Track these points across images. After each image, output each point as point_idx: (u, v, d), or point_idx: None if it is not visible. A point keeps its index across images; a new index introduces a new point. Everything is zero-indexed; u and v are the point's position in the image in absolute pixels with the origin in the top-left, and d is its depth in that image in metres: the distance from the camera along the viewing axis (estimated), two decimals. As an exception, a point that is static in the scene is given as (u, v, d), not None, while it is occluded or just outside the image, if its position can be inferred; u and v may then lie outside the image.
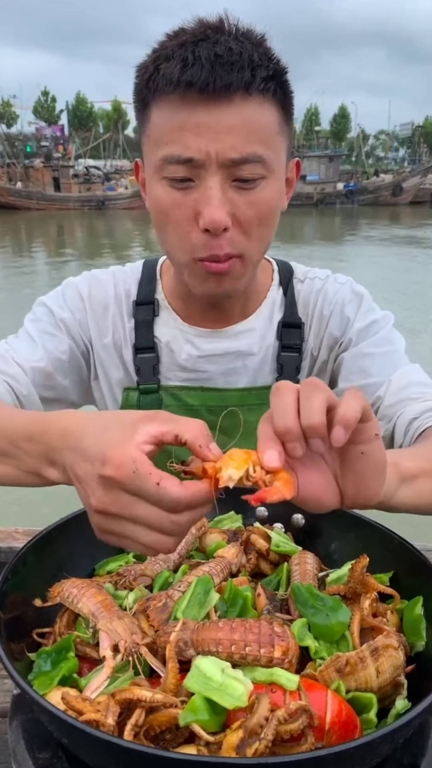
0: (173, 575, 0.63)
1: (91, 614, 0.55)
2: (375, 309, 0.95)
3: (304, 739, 0.45)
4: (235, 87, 0.68)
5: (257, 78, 0.70)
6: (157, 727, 0.46)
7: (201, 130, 0.69)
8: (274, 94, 0.72)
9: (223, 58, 0.68)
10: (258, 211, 0.74)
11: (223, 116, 0.69)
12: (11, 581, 0.56)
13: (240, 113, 0.70)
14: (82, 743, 0.45)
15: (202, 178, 0.72)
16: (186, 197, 0.73)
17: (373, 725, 0.49)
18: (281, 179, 0.78)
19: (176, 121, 0.70)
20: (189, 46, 0.69)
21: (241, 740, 0.43)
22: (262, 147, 0.72)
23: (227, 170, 0.71)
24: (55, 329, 0.92)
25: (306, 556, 0.66)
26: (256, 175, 0.72)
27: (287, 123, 0.77)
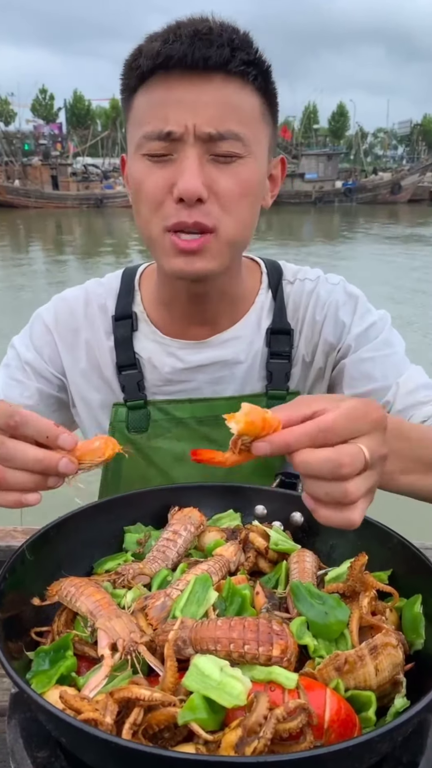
0: (172, 574, 0.63)
1: (90, 613, 0.55)
2: (371, 310, 0.93)
3: (303, 738, 0.45)
4: (214, 62, 0.69)
5: (237, 58, 0.71)
6: (156, 726, 0.46)
7: (180, 105, 0.70)
8: (255, 80, 0.73)
9: (203, 34, 0.70)
10: (236, 185, 0.74)
11: (202, 92, 0.70)
12: (9, 580, 0.56)
13: (219, 91, 0.71)
14: (80, 742, 0.45)
15: (180, 151, 0.72)
16: (162, 170, 0.74)
17: (372, 723, 0.49)
18: (262, 165, 0.78)
19: (157, 99, 0.72)
20: (172, 27, 0.72)
21: (240, 739, 0.43)
22: (240, 126, 0.72)
23: (205, 144, 0.72)
24: (21, 374, 0.92)
25: (305, 555, 0.66)
26: (233, 152, 0.73)
27: (270, 114, 0.78)
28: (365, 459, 0.48)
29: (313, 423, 0.47)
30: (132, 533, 0.72)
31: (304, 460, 0.47)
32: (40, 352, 0.93)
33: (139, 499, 0.75)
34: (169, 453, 0.92)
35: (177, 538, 0.66)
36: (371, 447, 0.48)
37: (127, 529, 0.73)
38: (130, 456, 0.61)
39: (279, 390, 0.90)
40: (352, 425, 0.48)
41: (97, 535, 0.70)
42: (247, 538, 0.69)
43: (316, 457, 0.47)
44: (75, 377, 0.93)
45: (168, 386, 0.91)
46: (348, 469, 0.47)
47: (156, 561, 0.64)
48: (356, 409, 0.49)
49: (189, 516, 0.70)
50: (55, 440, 0.52)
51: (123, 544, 0.72)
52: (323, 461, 0.46)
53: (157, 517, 0.75)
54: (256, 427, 0.48)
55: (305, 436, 0.47)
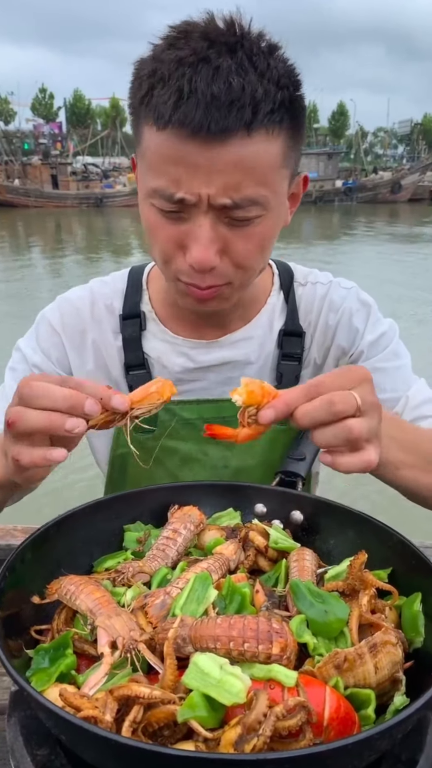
0: (171, 572, 0.63)
1: (89, 611, 0.55)
2: (381, 319, 0.94)
3: (303, 735, 0.45)
4: (233, 129, 0.63)
5: (259, 115, 0.63)
6: (156, 724, 0.46)
7: (193, 170, 0.65)
8: (281, 123, 0.66)
9: (220, 99, 0.61)
10: (251, 245, 0.71)
11: (217, 157, 0.64)
12: (9, 578, 0.56)
13: (238, 153, 0.64)
14: (80, 740, 0.45)
15: (192, 214, 0.68)
16: (174, 226, 0.70)
17: (372, 721, 0.49)
18: (281, 208, 0.74)
19: (168, 154, 0.65)
20: (186, 71, 0.62)
21: (240, 736, 0.43)
22: (259, 188, 0.67)
23: (219, 211, 0.68)
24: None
25: (304, 553, 0.66)
26: (248, 216, 0.68)
27: (295, 146, 0.71)
28: (356, 401, 0.54)
29: (306, 384, 0.55)
30: (132, 532, 0.72)
31: (302, 410, 0.54)
32: (48, 355, 0.91)
33: (138, 497, 0.76)
34: (176, 453, 0.92)
35: (177, 537, 0.66)
36: (361, 394, 0.55)
37: (127, 527, 0.73)
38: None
39: None
40: (339, 380, 0.55)
41: (96, 534, 0.70)
42: (247, 537, 0.69)
43: (312, 404, 0.53)
44: (82, 378, 0.93)
45: (177, 386, 0.91)
46: (341, 405, 0.53)
47: (156, 559, 0.64)
48: (341, 370, 0.58)
49: (189, 514, 0.70)
50: (108, 401, 0.56)
51: (123, 543, 0.72)
52: (318, 405, 0.53)
53: (156, 515, 0.75)
54: (257, 396, 0.54)
55: (301, 393, 0.54)
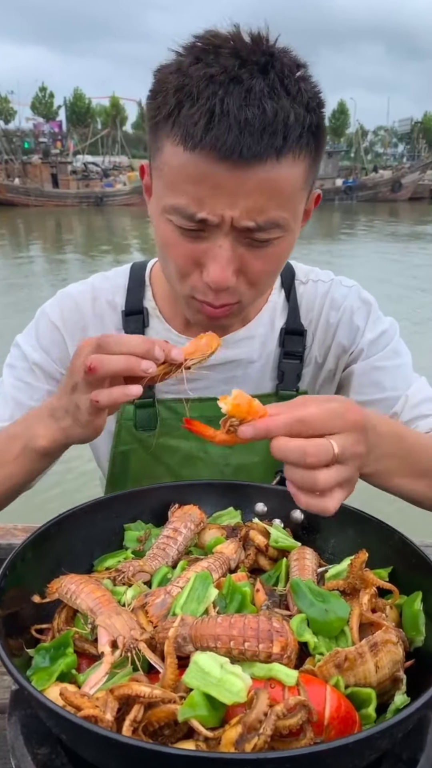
0: (172, 571, 0.63)
1: (90, 610, 0.55)
2: (382, 317, 0.94)
3: (303, 734, 0.45)
4: (265, 155, 0.62)
5: (290, 140, 0.63)
6: (156, 723, 0.46)
7: (219, 192, 0.63)
8: (308, 146, 0.66)
9: (254, 125, 0.60)
10: (267, 265, 0.71)
11: (245, 181, 0.63)
12: (9, 577, 0.56)
13: (265, 178, 0.63)
14: (80, 739, 0.45)
15: (212, 234, 0.67)
16: (192, 244, 0.69)
17: (372, 720, 0.49)
18: (297, 228, 0.73)
19: (192, 174, 0.64)
20: (218, 90, 0.60)
21: (240, 735, 0.43)
22: (282, 211, 0.66)
23: (240, 232, 0.67)
24: (29, 376, 0.89)
25: (305, 552, 0.66)
26: (269, 238, 0.68)
27: (315, 166, 0.70)
28: (333, 452, 0.52)
29: (293, 414, 0.52)
30: (132, 531, 0.72)
31: (277, 445, 0.52)
32: (48, 352, 0.90)
33: (139, 496, 0.75)
34: (177, 451, 0.92)
35: (177, 536, 0.66)
36: (342, 443, 0.53)
37: (128, 526, 0.73)
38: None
39: (289, 390, 0.91)
40: (327, 421, 0.53)
41: (97, 533, 0.70)
42: (248, 536, 0.69)
43: (287, 444, 0.52)
44: None
45: (179, 384, 0.90)
46: (313, 458, 0.52)
47: (156, 558, 0.64)
48: (334, 409, 0.54)
49: (189, 513, 0.70)
50: (169, 353, 0.62)
51: (123, 542, 0.72)
52: (293, 448, 0.52)
53: (157, 514, 0.75)
54: (241, 411, 0.54)
55: (283, 425, 0.52)
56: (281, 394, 0.91)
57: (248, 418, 0.54)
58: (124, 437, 0.91)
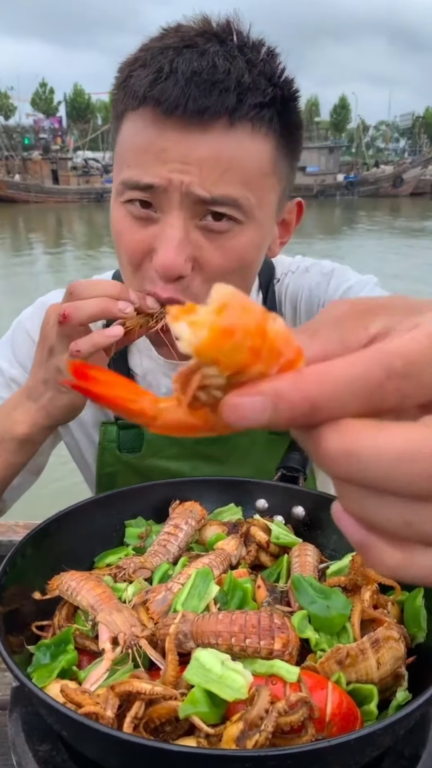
0: (173, 567, 0.63)
1: (90, 607, 0.55)
2: (347, 279, 0.83)
3: (305, 731, 0.45)
4: (213, 112, 0.57)
5: (245, 103, 0.58)
6: (157, 720, 0.46)
7: (167, 157, 0.58)
8: (271, 124, 0.60)
9: (202, 76, 0.56)
10: (226, 260, 0.63)
11: (196, 145, 0.58)
12: (10, 574, 0.56)
13: (218, 144, 0.58)
14: (81, 736, 0.45)
15: (163, 209, 0.61)
16: (143, 230, 0.63)
17: (374, 717, 0.49)
18: (266, 226, 0.65)
19: (141, 142, 0.60)
20: (169, 54, 0.58)
21: (241, 732, 0.43)
22: (240, 188, 0.60)
23: (193, 207, 0.60)
24: (5, 392, 0.83)
25: (306, 548, 0.66)
26: (228, 219, 0.61)
27: (287, 159, 0.64)
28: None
29: (380, 355, 0.21)
30: (133, 527, 0.72)
31: (352, 449, 0.20)
32: (25, 366, 0.84)
33: (139, 493, 0.75)
34: (165, 473, 0.87)
35: (178, 532, 0.66)
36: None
37: (128, 523, 0.73)
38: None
39: None
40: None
41: (97, 530, 0.70)
42: (249, 532, 0.69)
43: (388, 445, 0.20)
44: None
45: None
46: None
47: (157, 555, 0.64)
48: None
49: (190, 510, 0.69)
50: (144, 300, 0.61)
51: (124, 538, 0.71)
52: (403, 457, 0.20)
53: (157, 511, 0.74)
54: (240, 346, 0.20)
55: (359, 387, 0.21)
56: None
57: (254, 367, 0.21)
58: (107, 460, 0.86)
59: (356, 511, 0.23)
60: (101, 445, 0.86)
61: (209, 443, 0.86)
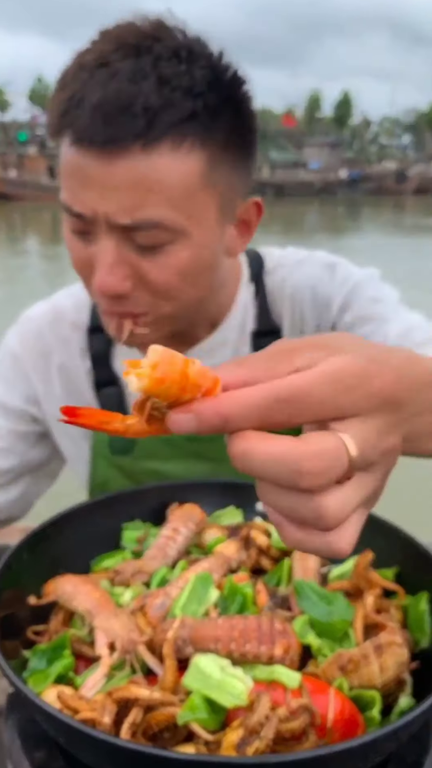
0: (171, 572, 0.62)
1: (87, 612, 0.54)
2: (352, 273, 0.82)
3: (306, 738, 0.44)
4: (124, 138, 0.57)
5: (156, 126, 0.57)
6: (155, 726, 0.45)
7: (89, 184, 0.59)
8: (196, 137, 0.59)
9: (109, 104, 0.56)
10: (167, 276, 0.63)
11: (113, 172, 0.58)
12: (5, 578, 0.55)
13: (135, 168, 0.57)
14: (78, 742, 0.44)
15: (96, 234, 0.62)
16: (85, 248, 0.64)
17: (377, 723, 0.48)
18: (204, 238, 0.64)
19: (69, 166, 0.61)
20: (83, 76, 0.58)
21: (241, 739, 0.42)
22: (163, 209, 0.59)
23: (120, 232, 0.61)
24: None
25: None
26: (155, 241, 0.61)
27: (231, 164, 0.63)
28: (348, 459, 0.29)
29: (272, 386, 0.29)
30: (130, 530, 0.71)
31: (245, 450, 0.29)
32: (10, 388, 0.83)
33: (137, 496, 0.74)
34: (158, 474, 0.84)
35: (177, 536, 0.65)
36: (366, 438, 0.30)
37: (126, 526, 0.72)
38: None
39: None
40: (338, 396, 0.29)
41: (94, 533, 0.69)
42: (249, 536, 0.68)
43: (266, 450, 0.29)
44: (50, 407, 0.85)
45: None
46: (315, 479, 0.28)
47: (155, 559, 0.63)
48: (348, 370, 0.30)
49: (189, 513, 0.68)
50: None
51: (121, 542, 0.71)
52: (276, 459, 0.28)
53: (156, 514, 0.73)
54: (170, 387, 0.29)
55: (255, 408, 0.29)
56: None
57: (184, 396, 0.29)
58: (100, 465, 0.85)
59: (264, 499, 0.32)
60: (94, 450, 0.85)
61: (204, 442, 0.84)
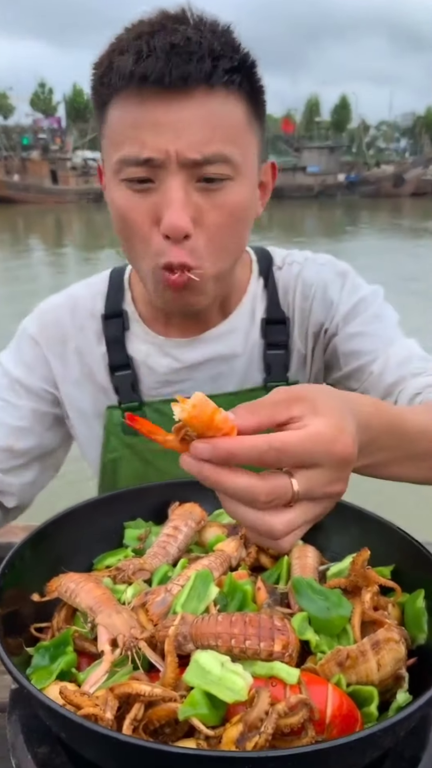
0: (172, 569, 0.63)
1: (89, 609, 0.54)
2: (361, 286, 0.89)
3: (305, 733, 0.45)
4: (194, 78, 0.64)
5: (219, 69, 0.64)
6: (156, 722, 0.46)
7: (159, 128, 0.64)
8: (240, 87, 0.67)
9: (180, 47, 0.63)
10: (225, 214, 0.69)
11: (183, 112, 0.64)
12: (8, 576, 0.56)
13: (202, 108, 0.65)
14: (80, 737, 0.45)
15: (162, 179, 0.66)
16: (146, 200, 0.68)
17: (374, 718, 0.49)
18: (252, 181, 0.72)
19: (132, 119, 0.66)
20: (144, 38, 0.64)
21: (241, 734, 0.43)
22: (228, 145, 0.66)
23: (189, 170, 0.66)
24: (12, 395, 0.87)
25: (306, 550, 0.66)
26: (221, 175, 0.67)
27: (258, 120, 0.71)
28: (291, 492, 0.42)
29: (266, 439, 0.42)
30: (132, 529, 0.72)
31: (219, 480, 0.42)
32: (30, 369, 0.88)
33: (138, 494, 0.75)
34: (167, 455, 0.89)
35: (178, 534, 0.66)
36: (316, 480, 0.43)
37: (127, 524, 0.73)
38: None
39: (278, 382, 0.88)
40: (309, 452, 0.42)
41: (96, 531, 0.70)
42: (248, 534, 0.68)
43: (234, 480, 0.42)
44: (68, 388, 0.89)
45: (165, 388, 0.88)
46: (266, 504, 0.42)
47: (157, 557, 0.64)
48: (323, 435, 0.43)
49: (190, 512, 0.69)
50: None
51: (123, 540, 0.71)
52: (241, 489, 0.42)
53: (157, 512, 0.74)
54: (200, 424, 0.42)
55: (254, 451, 0.42)
56: (270, 386, 0.88)
57: (208, 433, 0.42)
58: (113, 444, 0.90)
59: (230, 513, 0.45)
60: (106, 429, 0.90)
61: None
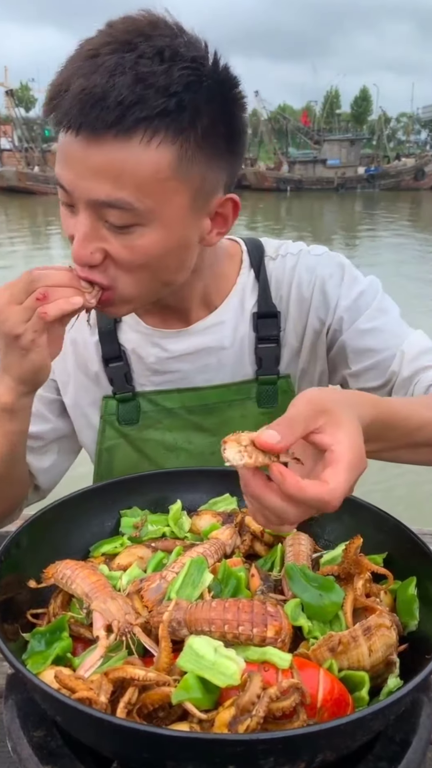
0: (167, 556, 0.63)
1: (85, 595, 0.55)
2: (358, 278, 0.88)
3: (296, 716, 0.45)
4: (99, 128, 0.63)
5: (128, 119, 0.62)
6: (150, 706, 0.46)
7: (72, 165, 0.66)
8: (167, 133, 0.64)
9: (87, 94, 0.62)
10: (132, 257, 0.69)
11: (92, 154, 0.64)
12: (5, 563, 0.56)
13: (109, 155, 0.64)
14: (75, 721, 0.46)
15: (77, 208, 0.68)
16: (71, 218, 0.71)
17: (365, 703, 0.49)
18: (174, 227, 0.70)
19: (60, 145, 0.68)
20: (71, 67, 0.64)
21: (233, 717, 0.44)
22: (133, 194, 0.65)
23: (96, 209, 0.67)
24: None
25: (300, 538, 0.66)
26: (124, 222, 0.67)
27: (205, 160, 0.68)
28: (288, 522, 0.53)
29: (322, 494, 0.50)
30: (128, 517, 0.72)
31: (258, 494, 0.52)
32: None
33: (135, 483, 0.76)
34: (160, 444, 0.90)
35: None
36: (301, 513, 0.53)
37: (124, 512, 0.73)
38: None
39: (269, 375, 0.89)
40: (346, 490, 0.51)
41: (93, 519, 0.70)
42: (243, 522, 0.69)
43: (273, 503, 0.51)
44: (64, 378, 0.91)
45: (155, 376, 0.89)
46: (290, 527, 0.56)
47: None
48: (356, 468, 0.52)
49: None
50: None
51: (119, 528, 0.72)
52: (277, 507, 0.51)
53: (153, 500, 0.75)
54: (258, 460, 0.51)
55: (315, 500, 0.50)
56: (262, 380, 0.89)
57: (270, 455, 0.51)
58: (108, 433, 0.91)
59: (256, 518, 0.56)
60: (103, 419, 0.91)
61: (203, 414, 0.90)
